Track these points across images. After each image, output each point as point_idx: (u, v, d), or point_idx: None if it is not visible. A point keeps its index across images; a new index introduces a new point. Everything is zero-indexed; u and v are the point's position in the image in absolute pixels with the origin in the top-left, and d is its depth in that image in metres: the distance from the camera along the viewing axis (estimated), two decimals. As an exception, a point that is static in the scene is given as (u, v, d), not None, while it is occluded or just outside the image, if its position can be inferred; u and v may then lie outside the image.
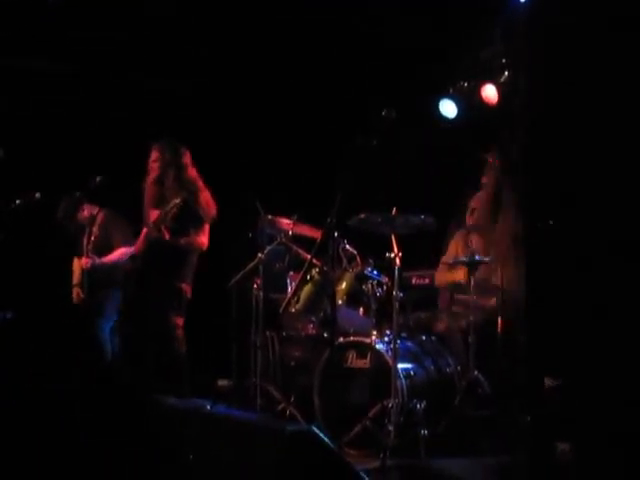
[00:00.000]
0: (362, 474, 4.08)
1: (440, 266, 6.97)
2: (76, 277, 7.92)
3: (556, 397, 6.17)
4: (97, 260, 7.66)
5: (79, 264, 7.79)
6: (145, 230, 6.94)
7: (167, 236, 6.70)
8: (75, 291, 7.89)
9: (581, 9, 6.58)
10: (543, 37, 6.83)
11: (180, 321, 6.87)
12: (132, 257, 7.27)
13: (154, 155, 7.06)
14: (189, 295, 6.96)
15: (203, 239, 6.95)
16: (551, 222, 4.75)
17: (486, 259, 6.48)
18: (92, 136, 8.53)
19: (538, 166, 6.49)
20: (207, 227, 6.98)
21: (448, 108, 7.22)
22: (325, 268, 6.38)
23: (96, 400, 4.81)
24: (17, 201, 7.34)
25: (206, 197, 6.95)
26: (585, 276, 6.56)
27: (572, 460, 5.31)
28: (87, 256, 7.64)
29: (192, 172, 7.06)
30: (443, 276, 6.92)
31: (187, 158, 7.08)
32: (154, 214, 6.81)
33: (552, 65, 6.83)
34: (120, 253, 7.67)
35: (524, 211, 6.79)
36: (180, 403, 5.26)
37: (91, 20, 8.00)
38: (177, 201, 6.57)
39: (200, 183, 7.02)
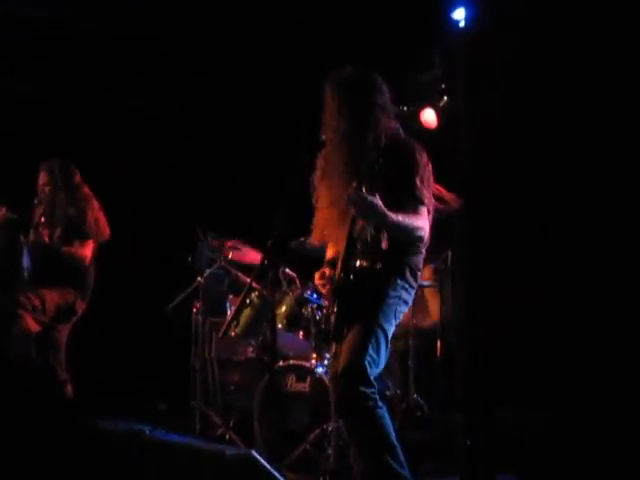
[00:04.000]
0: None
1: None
2: None
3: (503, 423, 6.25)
4: None
5: None
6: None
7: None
8: None
9: (519, 33, 6.71)
10: (481, 61, 6.95)
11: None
12: None
13: (43, 177, 7.05)
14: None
15: (86, 252, 6.91)
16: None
17: (425, 283, 6.55)
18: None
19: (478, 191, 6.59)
20: (92, 243, 6.95)
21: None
22: (264, 292, 6.40)
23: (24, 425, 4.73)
24: None
25: (95, 215, 6.96)
26: (522, 297, 6.69)
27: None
28: None
29: (83, 191, 7.06)
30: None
31: (77, 178, 7.08)
32: (46, 232, 6.88)
33: (490, 89, 6.94)
34: None
35: (462, 238, 6.90)
36: (118, 426, 5.22)
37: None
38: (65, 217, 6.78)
39: (92, 202, 7.02)
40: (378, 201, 4.29)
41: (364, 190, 4.29)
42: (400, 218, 4.38)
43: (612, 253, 6.27)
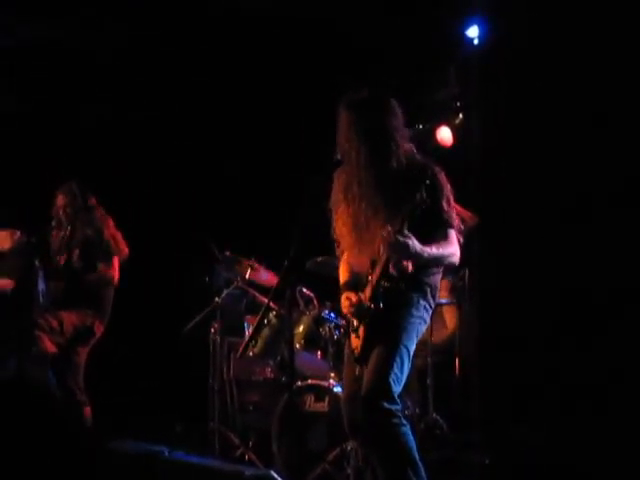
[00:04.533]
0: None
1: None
2: None
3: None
4: None
5: None
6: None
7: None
8: None
9: (532, 52, 6.74)
10: (496, 79, 6.97)
11: None
12: None
13: (61, 200, 7.07)
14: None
15: (113, 272, 6.96)
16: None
17: (443, 301, 6.55)
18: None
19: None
20: (116, 260, 6.99)
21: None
22: (282, 311, 6.40)
23: (47, 448, 4.73)
24: None
25: (112, 234, 7.02)
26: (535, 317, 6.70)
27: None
28: None
29: (99, 212, 7.12)
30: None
31: (93, 199, 7.13)
32: (63, 255, 6.96)
33: (505, 106, 6.96)
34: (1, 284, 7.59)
35: (480, 256, 6.90)
36: (137, 449, 5.22)
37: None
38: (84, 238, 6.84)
39: (109, 223, 7.07)
40: (415, 243, 4.35)
41: (404, 231, 4.33)
42: (434, 251, 4.45)
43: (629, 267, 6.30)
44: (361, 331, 4.57)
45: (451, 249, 4.54)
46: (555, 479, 5.71)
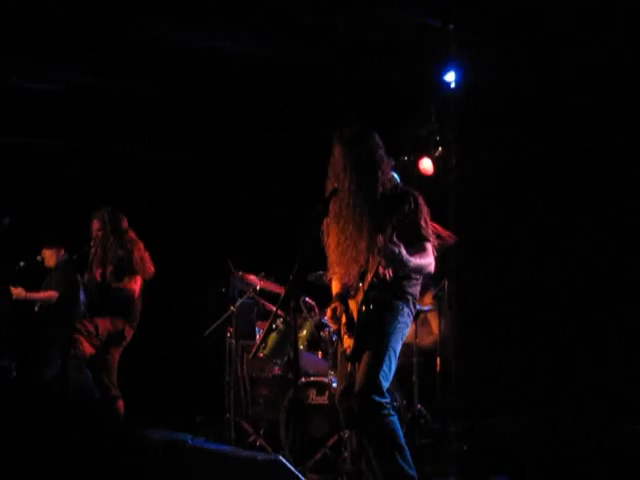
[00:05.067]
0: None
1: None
2: None
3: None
4: (24, 293, 7.54)
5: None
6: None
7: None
8: None
9: (498, 94, 6.83)
10: (472, 117, 7.03)
11: None
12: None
13: (96, 224, 7.12)
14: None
15: (134, 286, 6.97)
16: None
17: (426, 308, 6.58)
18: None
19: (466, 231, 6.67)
20: (139, 278, 7.00)
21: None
22: (288, 318, 6.43)
23: (86, 436, 4.75)
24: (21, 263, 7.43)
25: (141, 255, 7.03)
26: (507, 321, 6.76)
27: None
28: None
29: (130, 235, 7.14)
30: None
31: (124, 223, 7.16)
32: (99, 271, 6.94)
33: (477, 141, 7.03)
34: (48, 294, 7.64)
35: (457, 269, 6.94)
36: (164, 437, 5.24)
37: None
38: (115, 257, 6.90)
39: (139, 245, 7.10)
40: (403, 251, 4.42)
41: (394, 239, 4.41)
42: (417, 260, 4.53)
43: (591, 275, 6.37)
44: (351, 336, 4.63)
45: (429, 259, 4.62)
46: (521, 461, 5.73)
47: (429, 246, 4.65)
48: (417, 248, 4.59)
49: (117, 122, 8.37)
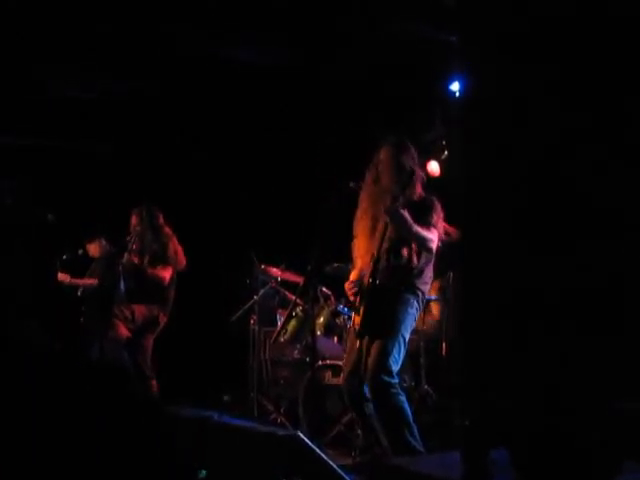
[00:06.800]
0: (338, 469, 4.10)
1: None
2: None
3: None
4: (69, 279, 7.56)
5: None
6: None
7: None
8: None
9: (500, 102, 6.78)
10: (475, 123, 7.00)
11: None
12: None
13: (135, 219, 7.14)
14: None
15: (165, 274, 6.98)
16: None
17: (433, 297, 6.58)
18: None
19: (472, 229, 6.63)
20: (171, 269, 7.02)
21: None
22: (306, 306, 6.45)
23: (122, 412, 4.76)
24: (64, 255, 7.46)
25: (175, 249, 7.06)
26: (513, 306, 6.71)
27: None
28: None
29: (165, 230, 7.17)
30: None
31: (160, 219, 7.18)
32: (136, 261, 7.02)
33: (481, 145, 7.00)
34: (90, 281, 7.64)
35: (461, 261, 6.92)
36: (193, 414, 5.25)
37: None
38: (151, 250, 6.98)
39: (173, 239, 7.12)
40: (407, 214, 4.59)
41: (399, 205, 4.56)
42: (420, 230, 4.68)
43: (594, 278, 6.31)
44: (361, 310, 4.68)
45: (432, 236, 4.76)
46: (519, 437, 5.70)
47: (434, 230, 4.79)
48: (422, 226, 4.72)
49: (151, 126, 8.39)
